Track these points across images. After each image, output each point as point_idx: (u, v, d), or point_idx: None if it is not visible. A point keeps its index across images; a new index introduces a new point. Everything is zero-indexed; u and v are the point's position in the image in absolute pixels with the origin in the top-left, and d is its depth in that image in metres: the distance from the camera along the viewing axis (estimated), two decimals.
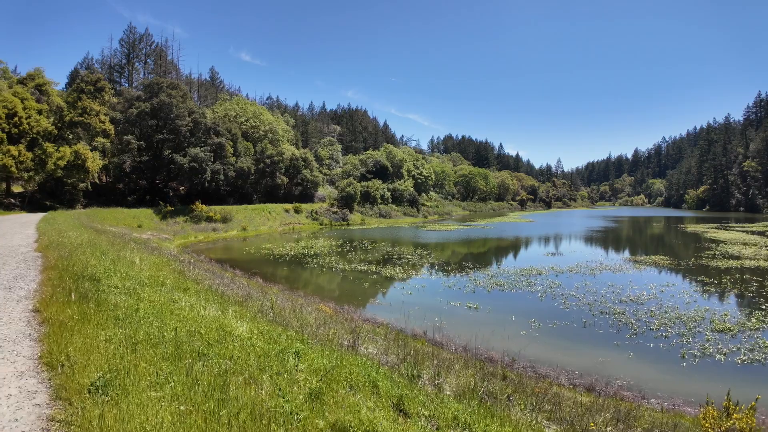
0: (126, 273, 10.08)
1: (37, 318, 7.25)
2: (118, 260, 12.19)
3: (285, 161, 69.75)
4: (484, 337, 15.78)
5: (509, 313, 19.37)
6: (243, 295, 12.05)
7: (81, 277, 9.35)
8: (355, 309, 18.45)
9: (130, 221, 43.95)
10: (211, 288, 11.66)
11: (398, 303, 20.41)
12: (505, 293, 23.18)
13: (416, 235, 55.40)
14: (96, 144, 52.33)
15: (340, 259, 33.60)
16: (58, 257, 12.39)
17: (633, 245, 50.93)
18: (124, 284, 8.87)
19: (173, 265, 14.41)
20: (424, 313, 18.85)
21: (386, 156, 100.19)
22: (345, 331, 11.11)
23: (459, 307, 20.09)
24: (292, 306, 13.74)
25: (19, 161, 43.35)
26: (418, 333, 16.03)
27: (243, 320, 7.33)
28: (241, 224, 53.65)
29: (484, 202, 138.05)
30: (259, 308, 10.08)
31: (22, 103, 45.38)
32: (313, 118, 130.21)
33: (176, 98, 54.75)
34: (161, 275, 11.09)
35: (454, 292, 22.93)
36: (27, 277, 10.77)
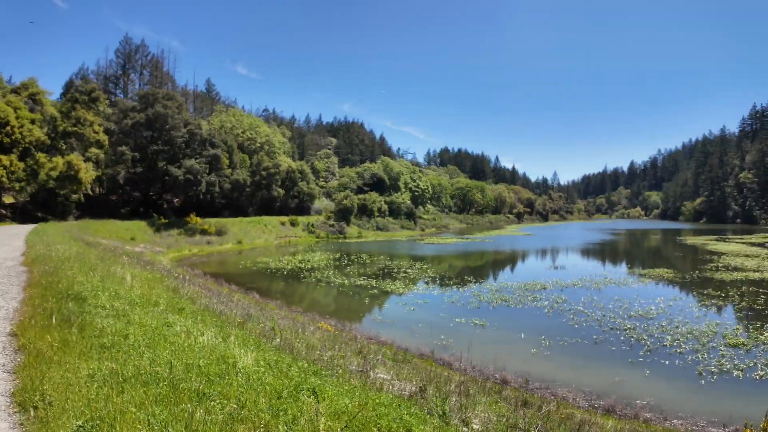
0: (115, 291, 9.31)
1: (14, 344, 6.52)
2: (107, 276, 11.44)
3: (281, 173, 69.06)
4: (494, 356, 15.16)
5: (517, 331, 18.62)
6: (243, 314, 11.19)
7: (65, 296, 8.57)
8: (357, 326, 17.67)
9: (123, 234, 43.04)
10: (209, 308, 10.74)
11: (401, 319, 19.70)
12: (510, 309, 22.45)
13: (414, 249, 54.69)
14: (89, 155, 51.46)
15: (338, 273, 32.81)
16: (43, 272, 11.61)
17: (634, 258, 50.35)
18: (112, 305, 8.10)
19: (167, 282, 13.52)
20: (429, 331, 18.11)
21: (383, 168, 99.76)
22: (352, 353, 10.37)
23: (465, 324, 19.33)
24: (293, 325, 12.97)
25: (10, 171, 42.46)
26: (424, 352, 15.25)
27: (247, 348, 6.51)
28: (236, 237, 52.77)
29: (481, 215, 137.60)
30: (261, 331, 9.26)
31: (14, 112, 44.57)
32: (309, 131, 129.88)
33: (172, 109, 54.04)
34: (154, 294, 10.29)
35: (458, 308, 22.18)
36: (8, 295, 9.96)
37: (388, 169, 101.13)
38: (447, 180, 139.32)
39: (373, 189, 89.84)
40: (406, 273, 33.38)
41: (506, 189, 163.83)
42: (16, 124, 44.19)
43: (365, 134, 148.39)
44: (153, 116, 52.54)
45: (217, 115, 78.26)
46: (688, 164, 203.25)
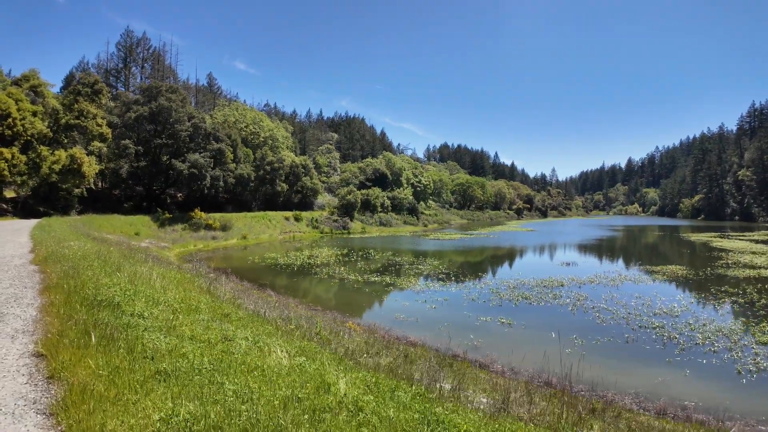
0: (149, 295, 8.34)
1: (43, 367, 5.25)
2: (134, 278, 10.38)
3: (285, 168, 68.33)
4: (529, 356, 14.71)
5: (546, 329, 18.12)
6: (283, 317, 10.48)
7: (95, 302, 7.47)
8: (381, 325, 17.08)
9: (126, 229, 42.36)
10: (258, 313, 9.93)
11: (424, 318, 19.17)
12: (533, 307, 21.95)
13: (420, 244, 54.16)
14: (92, 148, 50.61)
15: (349, 269, 32.24)
16: (61, 273, 10.44)
17: (642, 255, 49.94)
18: (151, 312, 7.08)
19: (197, 282, 12.56)
20: (455, 330, 17.56)
21: (385, 164, 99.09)
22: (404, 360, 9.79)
23: (491, 323, 18.80)
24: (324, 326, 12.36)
25: (12, 164, 41.59)
26: (457, 354, 14.71)
27: (329, 365, 5.77)
28: (241, 232, 52.12)
29: (481, 210, 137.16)
30: (307, 335, 8.58)
31: (16, 104, 43.63)
32: (310, 126, 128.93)
33: (175, 102, 53.25)
34: (191, 297, 9.30)
35: (480, 306, 21.65)
36: (23, 300, 8.76)
37: (391, 164, 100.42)
38: (447, 176, 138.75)
39: (375, 184, 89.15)
40: (418, 269, 32.86)
41: (506, 185, 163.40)
42: (18, 116, 43.28)
43: (366, 129, 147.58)
44: (156, 109, 51.75)
45: (220, 109, 77.38)
46: (685, 161, 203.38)
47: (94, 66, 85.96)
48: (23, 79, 50.07)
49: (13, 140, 43.34)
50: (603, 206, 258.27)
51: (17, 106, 43.60)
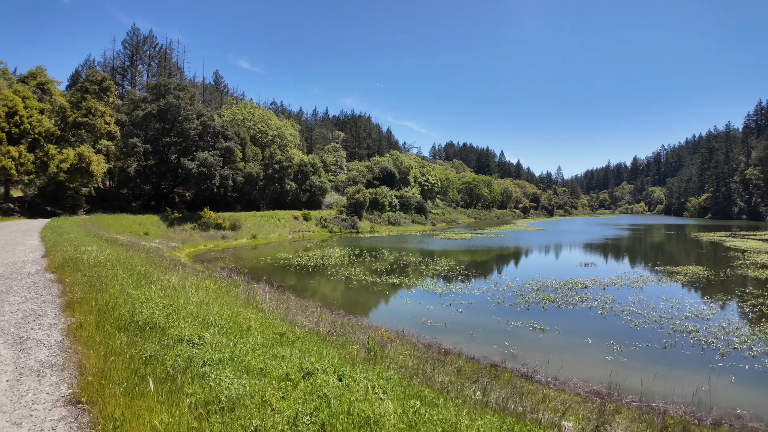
0: (192, 313, 7.18)
1: (86, 423, 4.14)
2: (169, 290, 9.19)
3: (293, 167, 67.58)
4: (569, 365, 14.16)
5: (581, 335, 17.45)
6: (335, 332, 9.56)
7: (132, 323, 6.35)
8: (411, 332, 16.31)
9: (136, 228, 41.69)
10: (305, 327, 8.84)
11: (452, 323, 18.40)
12: (562, 310, 21.18)
13: (432, 244, 53.34)
14: (100, 147, 49.94)
15: (365, 270, 31.47)
16: (85, 285, 9.20)
17: (658, 255, 49.01)
18: (201, 336, 5.95)
19: (233, 292, 11.54)
20: (488, 336, 16.86)
21: (393, 162, 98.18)
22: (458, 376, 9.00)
23: (523, 328, 18.02)
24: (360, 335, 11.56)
25: (19, 163, 40.94)
26: (496, 363, 13.95)
27: (458, 413, 4.65)
28: (250, 232, 51.38)
29: (488, 209, 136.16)
30: (371, 356, 7.73)
31: (23, 101, 42.99)
32: (316, 124, 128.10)
33: (184, 100, 52.53)
34: (238, 314, 8.11)
35: (507, 310, 20.87)
36: (44, 319, 7.53)
37: (398, 162, 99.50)
38: (454, 174, 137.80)
39: (382, 183, 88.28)
40: (435, 270, 32.10)
41: (512, 183, 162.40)
42: (25, 114, 42.65)
43: (372, 128, 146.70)
44: (165, 107, 51.03)
45: (227, 108, 76.65)
46: (691, 160, 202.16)
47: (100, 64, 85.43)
48: (30, 77, 49.43)
49: (20, 138, 42.71)
50: (609, 205, 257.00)
51: (24, 104, 42.97)
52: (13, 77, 54.09)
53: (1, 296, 9.35)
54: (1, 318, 7.74)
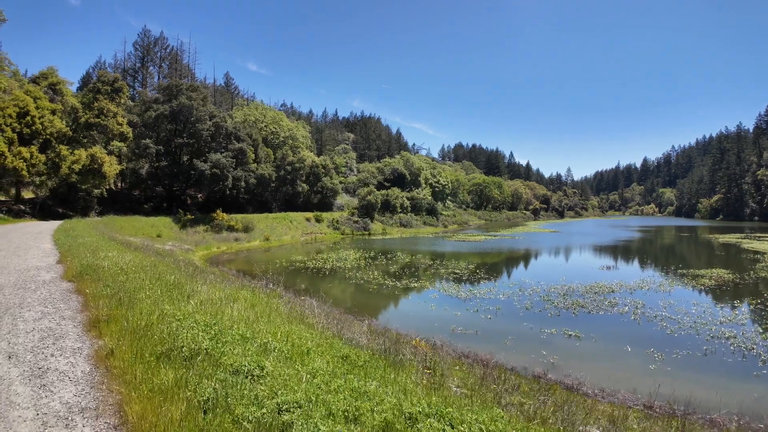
0: (241, 334, 6.06)
1: None
2: (207, 303, 8.09)
3: (305, 168, 66.96)
4: (614, 374, 13.59)
5: (618, 342, 16.69)
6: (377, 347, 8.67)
7: (175, 350, 5.28)
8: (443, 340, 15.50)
9: (148, 230, 41.12)
10: (372, 349, 7.75)
11: (484, 331, 17.59)
12: (593, 316, 20.35)
13: (447, 246, 52.53)
14: (112, 148, 49.45)
15: (383, 274, 30.70)
16: (110, 299, 8.04)
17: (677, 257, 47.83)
18: (261, 365, 4.89)
19: (274, 303, 10.30)
20: (522, 345, 16.07)
21: (404, 164, 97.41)
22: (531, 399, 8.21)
23: (558, 336, 17.21)
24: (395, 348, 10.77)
25: (30, 164, 40.45)
26: (537, 373, 13.17)
27: None
28: (263, 234, 50.76)
29: (498, 211, 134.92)
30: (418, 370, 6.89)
31: (34, 102, 42.52)
32: (326, 126, 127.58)
33: (196, 101, 52.00)
34: (290, 332, 7.04)
35: (538, 316, 20.04)
36: (66, 341, 6.43)
37: (409, 164, 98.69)
38: (464, 175, 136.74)
39: (393, 184, 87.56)
40: (454, 273, 31.31)
41: (522, 185, 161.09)
42: (37, 114, 42.18)
43: (382, 129, 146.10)
44: (177, 108, 50.51)
45: (239, 109, 76.19)
46: (702, 161, 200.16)
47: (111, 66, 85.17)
48: (41, 77, 48.98)
49: (31, 139, 42.25)
50: (619, 206, 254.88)
51: (35, 104, 42.51)
52: (24, 78, 53.74)
53: (15, 311, 8.18)
54: (15, 340, 6.57)
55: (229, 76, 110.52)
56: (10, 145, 38.98)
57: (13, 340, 6.53)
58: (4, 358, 5.86)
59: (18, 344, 6.37)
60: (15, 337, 6.64)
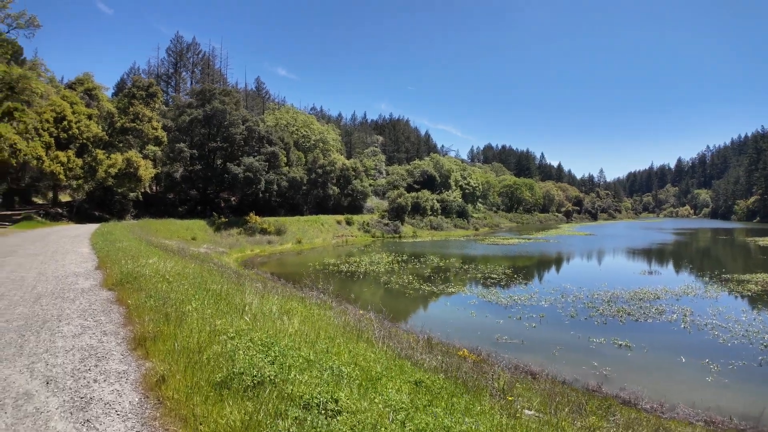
0: (304, 356, 5.43)
1: None
2: (258, 316, 7.47)
3: (336, 171, 66.95)
4: (670, 387, 12.97)
5: (670, 352, 15.91)
6: (438, 363, 8.09)
7: (234, 377, 4.63)
8: (489, 350, 14.94)
9: (183, 233, 41.47)
10: (437, 369, 7.15)
11: (529, 340, 16.91)
12: (641, 324, 19.51)
13: (479, 249, 51.73)
14: (147, 152, 50.13)
15: (418, 278, 30.14)
16: (156, 313, 7.32)
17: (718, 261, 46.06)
18: (335, 397, 4.24)
19: (327, 315, 9.98)
20: (571, 355, 15.39)
21: (433, 166, 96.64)
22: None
23: (607, 345, 16.47)
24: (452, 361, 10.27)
25: (67, 168, 41.15)
26: (591, 387, 12.52)
27: None
28: (295, 236, 50.81)
29: (530, 213, 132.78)
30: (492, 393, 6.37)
31: (71, 107, 43.30)
32: (355, 129, 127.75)
33: (229, 105, 52.38)
34: (355, 354, 6.43)
35: (584, 324, 19.27)
36: (109, 363, 5.77)
37: (439, 166, 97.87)
38: (494, 177, 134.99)
39: (423, 187, 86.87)
40: (491, 278, 30.56)
41: (554, 186, 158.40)
42: (73, 119, 42.93)
43: (411, 131, 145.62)
44: (211, 112, 50.99)
45: (270, 113, 76.74)
46: (738, 161, 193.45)
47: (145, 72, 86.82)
48: (77, 83, 49.89)
49: (68, 143, 43.02)
50: (653, 208, 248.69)
51: (72, 109, 43.27)
52: (60, 84, 54.87)
53: (52, 324, 7.57)
54: (54, 360, 5.90)
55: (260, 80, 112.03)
56: (47, 149, 39.68)
57: (51, 360, 5.89)
58: (42, 384, 5.19)
59: (57, 366, 5.74)
60: (53, 357, 6.01)
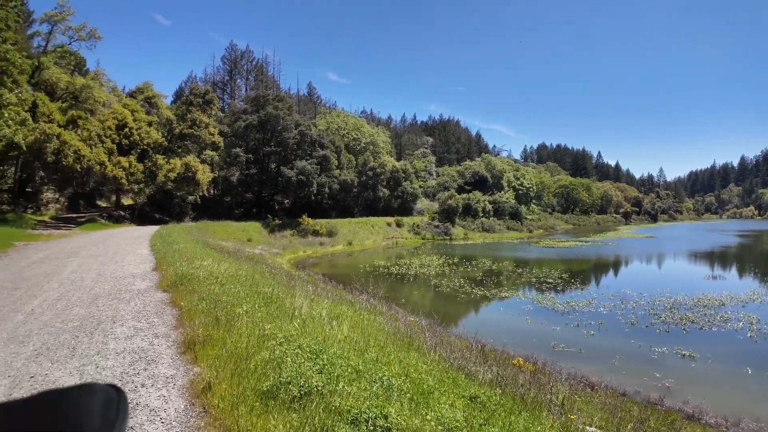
0: (353, 365, 5.25)
1: None
2: (307, 320, 7.33)
3: (386, 173, 67.10)
4: (735, 401, 12.24)
5: (736, 362, 14.97)
6: (493, 376, 7.74)
7: (280, 386, 4.50)
8: (544, 358, 14.45)
9: (239, 234, 42.66)
10: (492, 383, 6.77)
11: (588, 349, 16.23)
12: (705, 332, 18.45)
13: (534, 253, 50.54)
14: (204, 157, 51.81)
15: (469, 281, 29.66)
16: (206, 316, 7.31)
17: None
18: (384, 413, 4.01)
19: (377, 321, 9.73)
20: (631, 365, 14.67)
21: (485, 166, 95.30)
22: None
23: (669, 355, 15.64)
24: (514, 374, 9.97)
25: (129, 173, 43.00)
26: (654, 400, 11.89)
27: None
28: (346, 238, 51.23)
29: (587, 214, 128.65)
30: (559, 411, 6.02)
31: (132, 114, 45.32)
32: (405, 131, 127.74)
33: (282, 110, 53.55)
34: (407, 364, 6.09)
35: (645, 332, 18.39)
36: (158, 367, 5.77)
37: (491, 166, 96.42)
38: (548, 177, 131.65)
39: (474, 188, 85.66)
40: (546, 282, 29.69)
41: (612, 186, 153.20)
42: (134, 126, 44.85)
43: (461, 132, 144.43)
44: (265, 117, 52.27)
45: (321, 117, 77.97)
46: None
47: (202, 79, 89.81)
48: (138, 92, 52.15)
49: (130, 149, 44.94)
50: (715, 209, 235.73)
51: (133, 117, 45.24)
52: (121, 93, 57.49)
53: (106, 326, 7.66)
54: (104, 363, 5.93)
55: (312, 86, 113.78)
56: (110, 155, 41.58)
57: (102, 363, 5.96)
58: None
59: (106, 369, 5.79)
60: (104, 360, 6.08)
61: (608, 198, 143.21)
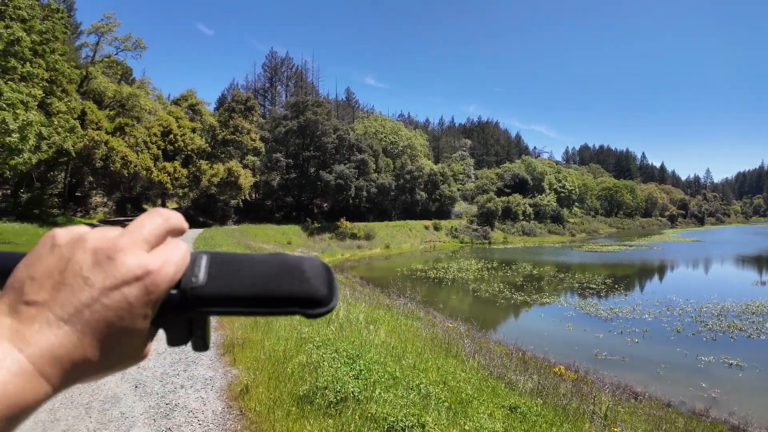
0: (390, 371, 5.17)
1: None
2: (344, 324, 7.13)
3: (424, 176, 66.95)
4: None
5: None
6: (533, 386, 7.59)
7: (317, 392, 4.55)
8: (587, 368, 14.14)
9: (279, 238, 43.55)
10: (533, 393, 6.68)
11: (631, 357, 15.83)
12: (754, 341, 17.76)
13: (577, 257, 49.54)
14: (246, 162, 53.01)
15: (508, 286, 29.30)
16: (246, 318, 6.97)
17: None
18: (422, 421, 3.99)
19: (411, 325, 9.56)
20: (676, 374, 14.25)
21: (525, 168, 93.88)
22: None
23: (716, 365, 15.12)
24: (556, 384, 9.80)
25: (174, 178, 44.31)
26: (699, 411, 11.50)
27: None
28: (383, 242, 51.38)
29: (631, 218, 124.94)
30: None
31: (176, 121, 46.77)
32: (443, 133, 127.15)
33: (321, 116, 54.32)
34: (445, 372, 5.94)
35: (691, 340, 17.80)
36: (198, 368, 5.84)
37: (531, 168, 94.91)
38: (591, 180, 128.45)
39: (514, 191, 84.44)
40: (589, 288, 29.05)
41: (657, 189, 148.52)
42: (179, 132, 46.23)
43: (500, 134, 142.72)
44: (304, 123, 53.12)
45: (360, 122, 78.50)
46: None
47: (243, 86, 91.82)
48: (182, 99, 53.75)
49: (174, 155, 46.29)
50: (764, 211, 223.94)
51: (177, 124, 46.67)
52: (166, 101, 59.32)
53: None
54: (145, 363, 5.93)
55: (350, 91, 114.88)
56: (155, 160, 42.94)
57: (142, 363, 6.07)
58: (131, 387, 5.30)
59: (148, 369, 5.84)
60: (146, 360, 6.24)
61: (653, 200, 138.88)
